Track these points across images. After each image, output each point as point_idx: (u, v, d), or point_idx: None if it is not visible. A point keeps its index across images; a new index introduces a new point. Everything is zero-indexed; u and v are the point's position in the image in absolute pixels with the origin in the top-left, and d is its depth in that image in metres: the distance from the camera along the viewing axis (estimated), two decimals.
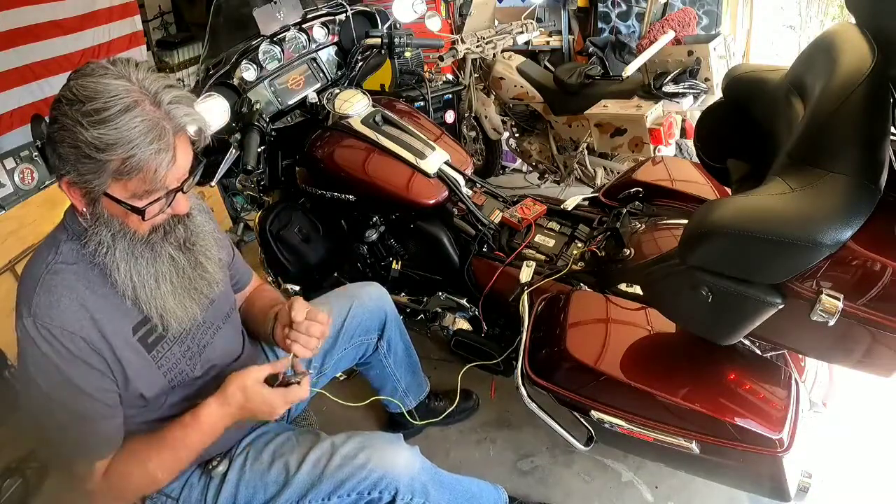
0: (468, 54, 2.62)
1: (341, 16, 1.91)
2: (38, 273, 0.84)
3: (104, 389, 0.87)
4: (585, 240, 1.65)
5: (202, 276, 0.95)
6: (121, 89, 0.76)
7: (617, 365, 1.12)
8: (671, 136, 2.16)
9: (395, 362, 1.48)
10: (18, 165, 2.07)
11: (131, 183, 0.80)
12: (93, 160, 0.77)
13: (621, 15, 3.25)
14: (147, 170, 0.78)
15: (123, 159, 0.76)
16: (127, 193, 0.81)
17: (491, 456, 1.67)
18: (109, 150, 0.76)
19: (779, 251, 0.82)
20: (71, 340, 0.82)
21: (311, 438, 1.08)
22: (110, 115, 0.75)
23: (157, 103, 0.79)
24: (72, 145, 0.76)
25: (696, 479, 1.42)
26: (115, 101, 0.75)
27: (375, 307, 1.39)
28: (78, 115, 0.75)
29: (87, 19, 2.82)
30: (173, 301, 0.91)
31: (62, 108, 0.77)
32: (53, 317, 0.82)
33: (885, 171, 0.80)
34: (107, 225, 0.84)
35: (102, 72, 0.78)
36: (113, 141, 0.75)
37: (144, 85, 0.79)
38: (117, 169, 0.78)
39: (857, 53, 0.85)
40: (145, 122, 0.77)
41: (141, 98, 0.78)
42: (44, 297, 0.82)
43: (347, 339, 1.35)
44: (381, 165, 1.64)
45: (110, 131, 0.75)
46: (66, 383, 0.84)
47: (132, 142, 0.76)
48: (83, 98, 0.75)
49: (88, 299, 0.85)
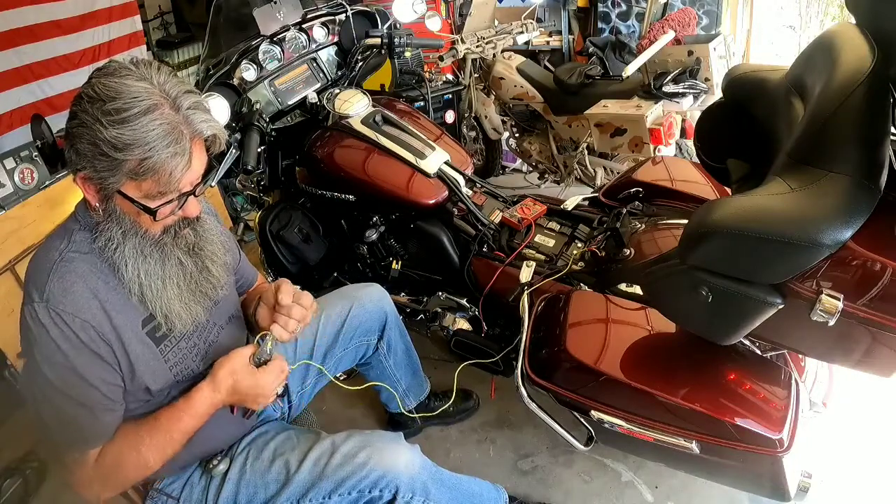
0: (468, 54, 2.62)
1: (341, 16, 1.91)
2: (51, 259, 0.85)
3: (107, 382, 0.88)
4: (585, 240, 1.65)
5: (208, 280, 0.96)
6: (142, 91, 0.78)
7: (617, 365, 1.11)
8: (671, 136, 2.16)
9: (395, 363, 1.48)
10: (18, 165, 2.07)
11: (145, 183, 0.81)
12: (109, 158, 0.78)
13: (621, 15, 3.25)
14: (162, 172, 0.79)
15: (140, 160, 0.78)
16: (140, 193, 0.82)
17: (491, 456, 1.67)
18: (127, 149, 0.77)
19: (779, 251, 0.82)
20: (82, 328, 0.83)
21: (312, 437, 1.08)
22: (130, 116, 0.77)
23: (177, 108, 0.80)
24: (90, 142, 0.78)
25: (696, 479, 1.42)
26: (135, 103, 0.77)
27: (376, 308, 1.39)
28: (98, 112, 0.76)
29: (87, 19, 2.82)
30: (179, 304, 0.91)
31: (83, 104, 0.78)
32: (67, 303, 0.82)
33: (885, 171, 0.80)
34: (118, 222, 0.85)
35: (126, 72, 0.79)
36: (131, 141, 0.77)
37: (165, 88, 0.80)
38: (133, 169, 0.79)
39: (857, 53, 0.85)
40: (164, 125, 0.78)
41: (161, 101, 0.79)
42: (57, 283, 0.83)
43: (347, 340, 1.35)
44: (381, 165, 1.64)
45: (129, 132, 0.76)
46: (71, 371, 0.84)
47: (150, 144, 0.77)
48: (105, 97, 0.77)
49: (100, 289, 0.86)
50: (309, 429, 1.14)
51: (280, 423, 1.21)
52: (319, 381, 1.35)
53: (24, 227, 2.01)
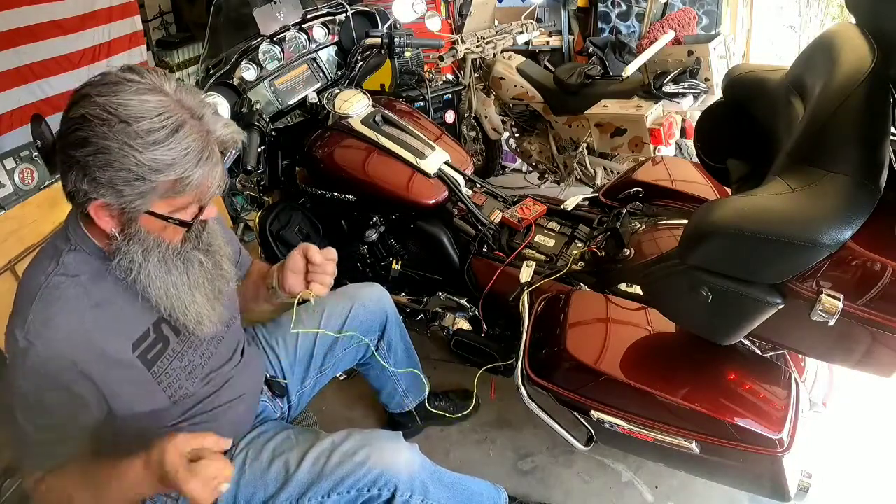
0: (468, 54, 2.62)
1: (341, 16, 1.91)
2: (37, 284, 0.82)
3: (72, 417, 0.85)
4: (585, 240, 1.65)
5: (222, 276, 0.96)
6: (163, 107, 0.75)
7: (617, 365, 1.11)
8: (671, 136, 2.16)
9: (395, 363, 1.48)
10: (18, 165, 2.07)
11: (180, 199, 0.79)
12: (145, 181, 0.74)
13: (621, 15, 3.25)
14: (203, 186, 0.79)
15: (177, 179, 0.76)
16: (171, 209, 0.80)
17: (491, 456, 1.67)
18: (166, 170, 0.74)
19: (779, 251, 0.82)
20: (57, 365, 0.80)
21: (311, 437, 1.08)
22: (162, 137, 0.73)
23: (200, 118, 0.78)
24: (119, 168, 0.73)
25: (696, 479, 1.42)
26: (162, 121, 0.74)
27: (376, 308, 1.39)
28: (124, 136, 0.72)
29: (87, 19, 2.82)
30: (208, 307, 0.91)
31: (96, 128, 0.72)
32: (46, 337, 0.79)
33: (885, 171, 0.80)
34: (141, 242, 0.82)
35: (135, 86, 0.74)
36: (170, 161, 0.74)
37: (180, 98, 0.77)
38: (169, 188, 0.77)
39: (857, 53, 0.85)
40: (197, 140, 0.76)
41: (184, 114, 0.76)
42: (41, 311, 0.80)
43: (348, 340, 1.35)
44: (381, 165, 1.64)
45: (167, 152, 0.74)
46: (38, 402, 0.82)
47: (190, 160, 0.75)
48: (126, 118, 0.72)
49: (87, 316, 0.83)
50: (308, 428, 1.13)
51: (279, 422, 1.20)
52: (319, 381, 1.34)
53: (24, 227, 2.01)
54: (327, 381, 1.38)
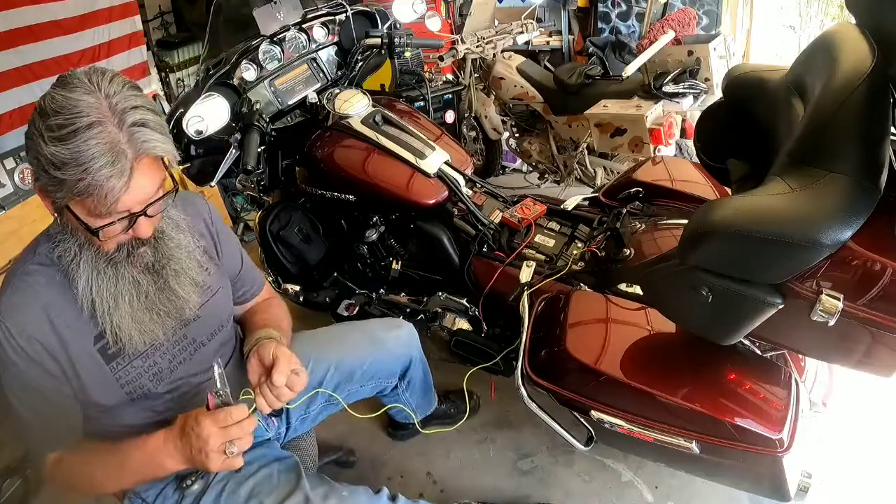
0: (468, 54, 2.62)
1: (341, 16, 1.91)
2: (15, 270, 0.88)
3: (59, 391, 0.88)
4: (585, 240, 1.65)
5: (170, 300, 0.92)
6: (85, 106, 0.74)
7: (617, 365, 1.11)
8: (671, 136, 2.16)
9: (410, 393, 1.43)
10: (18, 165, 2.07)
11: (87, 202, 0.77)
12: (48, 174, 0.75)
13: (621, 15, 3.25)
14: (98, 194, 0.75)
15: (77, 180, 0.74)
16: (85, 211, 0.79)
17: (491, 456, 1.67)
18: (64, 168, 0.74)
19: (779, 251, 0.82)
20: (28, 342, 0.84)
21: (291, 483, 1.01)
22: (68, 133, 0.73)
23: (121, 124, 0.75)
24: (34, 156, 0.76)
25: (696, 479, 1.42)
26: (75, 119, 0.73)
27: (402, 353, 1.33)
28: (42, 127, 0.74)
29: (87, 19, 2.81)
30: (130, 322, 0.89)
31: (34, 116, 0.76)
32: (15, 319, 0.84)
33: (885, 171, 0.80)
34: (73, 234, 0.85)
35: (76, 84, 0.76)
36: (67, 160, 0.73)
37: (113, 102, 0.76)
38: (72, 188, 0.75)
39: (857, 53, 0.85)
40: (101, 144, 0.73)
41: (104, 117, 0.75)
42: (11, 297, 0.85)
43: (365, 379, 1.30)
44: (381, 165, 1.64)
45: (65, 150, 0.73)
46: (23, 383, 0.86)
47: (85, 164, 0.73)
48: (50, 111, 0.74)
49: (54, 304, 0.86)
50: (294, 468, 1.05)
51: (269, 449, 1.11)
52: (326, 409, 1.28)
53: (24, 226, 2.01)
54: (337, 411, 1.30)
